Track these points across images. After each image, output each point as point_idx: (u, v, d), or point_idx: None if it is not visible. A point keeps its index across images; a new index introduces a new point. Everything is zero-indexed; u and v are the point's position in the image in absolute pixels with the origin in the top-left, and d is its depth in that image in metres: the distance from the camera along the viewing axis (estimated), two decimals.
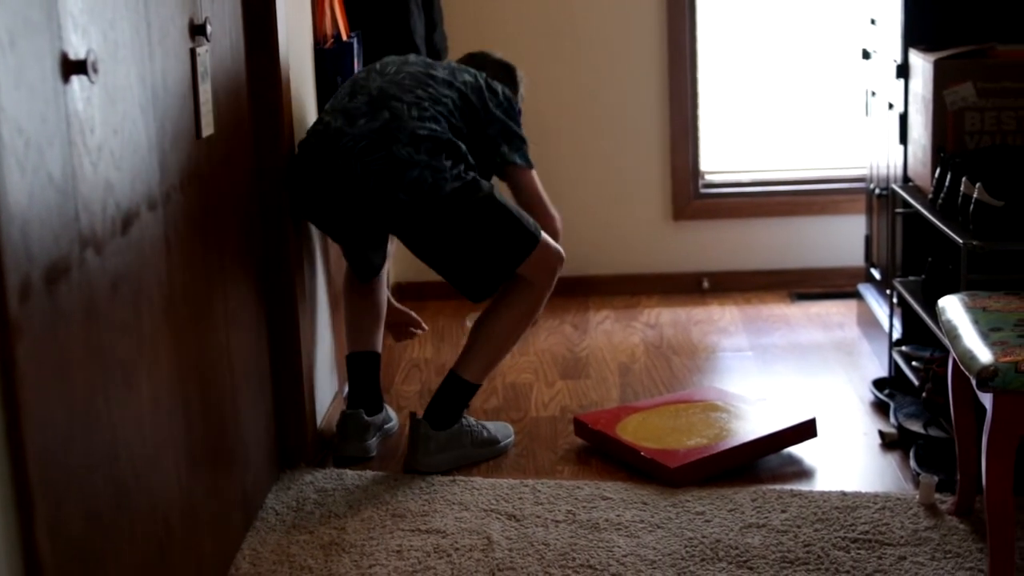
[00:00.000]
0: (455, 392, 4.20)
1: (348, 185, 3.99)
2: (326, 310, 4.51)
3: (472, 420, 4.27)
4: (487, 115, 4.26)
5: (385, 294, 4.52)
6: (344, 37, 4.65)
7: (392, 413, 4.51)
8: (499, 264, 4.09)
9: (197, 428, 3.14)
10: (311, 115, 4.34)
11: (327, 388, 4.48)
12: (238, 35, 3.69)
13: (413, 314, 4.77)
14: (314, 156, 4.02)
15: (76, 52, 2.40)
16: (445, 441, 4.16)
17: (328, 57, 4.51)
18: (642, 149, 6.06)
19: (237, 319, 3.56)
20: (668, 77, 5.99)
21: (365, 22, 4.93)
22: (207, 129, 3.26)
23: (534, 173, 4.38)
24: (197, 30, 3.20)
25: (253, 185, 3.79)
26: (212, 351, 3.30)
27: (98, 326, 2.49)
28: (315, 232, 4.36)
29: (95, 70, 2.43)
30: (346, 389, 4.79)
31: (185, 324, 3.06)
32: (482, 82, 4.31)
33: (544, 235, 4.15)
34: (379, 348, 4.43)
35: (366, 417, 4.29)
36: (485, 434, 4.27)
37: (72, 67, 2.38)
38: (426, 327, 4.84)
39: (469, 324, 4.34)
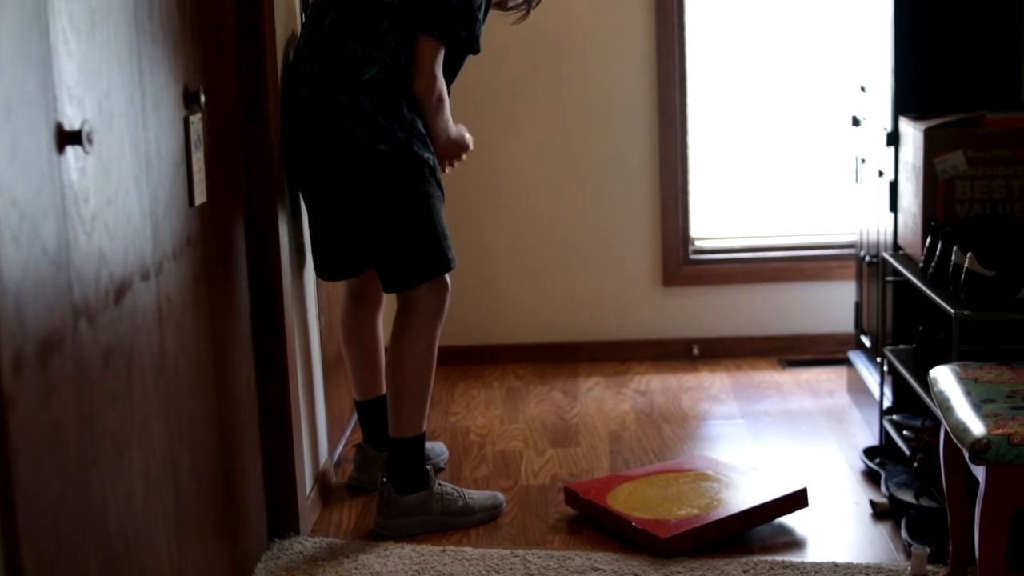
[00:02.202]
0: (400, 453, 4.19)
1: (296, 135, 4.09)
2: (319, 375, 4.50)
3: (450, 487, 4.26)
4: None
5: (380, 341, 4.55)
6: None
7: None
8: (403, 269, 4.13)
9: (187, 497, 3.13)
10: None
11: (320, 454, 4.46)
12: (233, 101, 3.70)
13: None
14: (282, 107, 4.11)
15: (71, 123, 2.41)
16: (411, 506, 4.16)
17: None
18: (632, 215, 6.07)
19: (228, 387, 3.54)
20: (658, 142, 6.00)
21: None
22: (200, 197, 3.26)
23: (437, 46, 4.11)
24: (191, 98, 3.20)
25: (245, 251, 3.78)
26: (202, 419, 3.29)
27: (90, 397, 2.48)
28: (310, 297, 4.36)
29: (90, 140, 2.43)
30: (336, 455, 4.78)
31: (176, 393, 3.05)
32: None
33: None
34: (383, 391, 4.49)
35: (376, 451, 4.50)
36: (461, 503, 4.24)
37: (67, 138, 2.38)
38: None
39: None
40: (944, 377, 3.52)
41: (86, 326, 2.46)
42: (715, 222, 6.22)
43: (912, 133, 4.28)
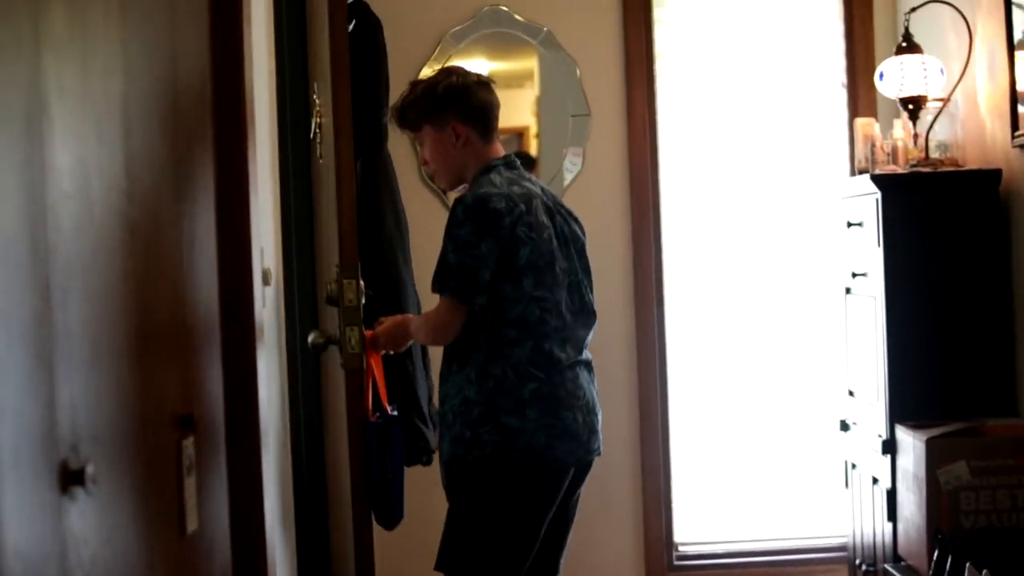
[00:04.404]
0: None
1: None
2: None
3: None
4: None
5: None
6: (387, 410, 4.51)
7: None
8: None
9: None
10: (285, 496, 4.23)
11: None
12: (219, 420, 3.59)
13: None
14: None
15: (74, 462, 2.30)
16: None
17: (375, 431, 4.40)
18: (614, 519, 5.96)
19: None
20: (640, 448, 5.94)
21: None
22: (191, 525, 3.13)
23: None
24: (183, 422, 3.10)
25: None
26: None
27: None
28: None
29: (93, 481, 2.32)
30: None
31: None
32: None
33: None
34: None
35: None
36: None
37: (71, 478, 2.27)
38: None
39: None
40: None
41: None
42: (700, 525, 6.11)
43: (911, 442, 4.22)
